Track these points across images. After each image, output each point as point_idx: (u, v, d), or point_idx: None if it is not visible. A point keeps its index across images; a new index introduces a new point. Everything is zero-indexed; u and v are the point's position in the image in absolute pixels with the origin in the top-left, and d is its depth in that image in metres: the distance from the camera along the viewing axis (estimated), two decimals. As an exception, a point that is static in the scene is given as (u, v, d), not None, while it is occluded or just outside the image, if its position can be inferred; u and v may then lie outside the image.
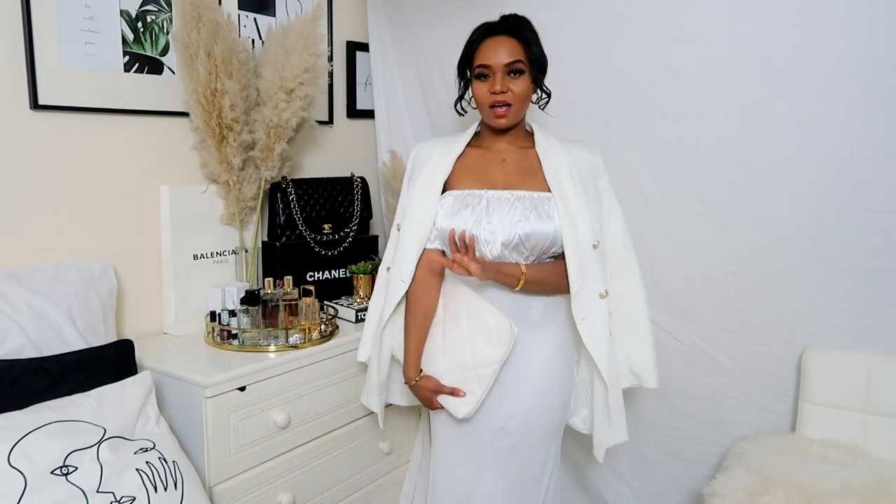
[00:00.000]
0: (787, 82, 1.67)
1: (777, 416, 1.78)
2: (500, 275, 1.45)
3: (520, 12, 2.01)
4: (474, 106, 1.59)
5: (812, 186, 1.67)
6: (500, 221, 1.47)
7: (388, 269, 1.64)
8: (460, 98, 1.64)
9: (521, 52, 1.49)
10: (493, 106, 1.49)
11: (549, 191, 1.52)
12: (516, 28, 1.51)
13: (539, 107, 1.63)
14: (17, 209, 1.58)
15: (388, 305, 1.60)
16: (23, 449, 1.18)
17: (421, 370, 1.58)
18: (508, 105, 1.49)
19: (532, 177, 1.54)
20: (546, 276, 1.51)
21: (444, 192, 1.55)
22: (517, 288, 1.47)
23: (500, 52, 1.48)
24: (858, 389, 1.63)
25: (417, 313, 1.58)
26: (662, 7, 1.81)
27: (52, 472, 1.18)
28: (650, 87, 1.85)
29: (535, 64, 1.51)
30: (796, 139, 1.68)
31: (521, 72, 1.49)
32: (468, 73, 1.56)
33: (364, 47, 2.37)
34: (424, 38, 2.24)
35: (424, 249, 1.56)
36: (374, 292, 1.75)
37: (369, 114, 2.42)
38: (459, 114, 1.67)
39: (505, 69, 1.48)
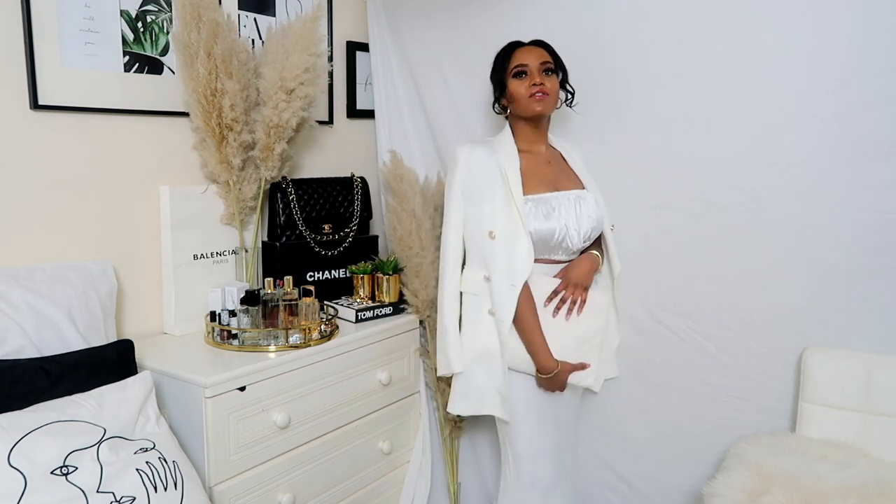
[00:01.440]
0: (787, 82, 1.67)
1: (777, 415, 1.78)
2: (591, 275, 1.74)
3: (521, 13, 2.03)
4: (505, 114, 1.80)
5: (812, 186, 1.67)
6: (576, 219, 1.71)
7: (488, 277, 1.69)
8: (497, 101, 1.82)
9: (550, 57, 1.75)
10: (532, 95, 1.69)
11: (583, 186, 1.79)
12: (541, 42, 1.77)
13: (567, 104, 1.85)
14: (16, 209, 1.58)
15: (508, 312, 1.66)
16: (23, 449, 1.18)
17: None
18: (546, 94, 1.69)
19: (570, 175, 1.81)
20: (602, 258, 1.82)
21: None
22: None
23: (534, 55, 1.73)
24: (858, 389, 1.63)
25: (535, 309, 1.69)
26: (663, 8, 1.81)
27: (52, 472, 1.18)
28: (651, 87, 1.85)
29: (559, 66, 1.77)
30: (796, 139, 1.68)
31: (552, 70, 1.74)
32: (503, 79, 1.75)
33: (364, 47, 2.37)
34: (424, 38, 2.24)
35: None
36: (446, 301, 1.75)
37: (369, 114, 2.42)
38: (498, 113, 1.85)
39: (540, 67, 1.71)
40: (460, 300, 1.77)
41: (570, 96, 1.83)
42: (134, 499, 1.24)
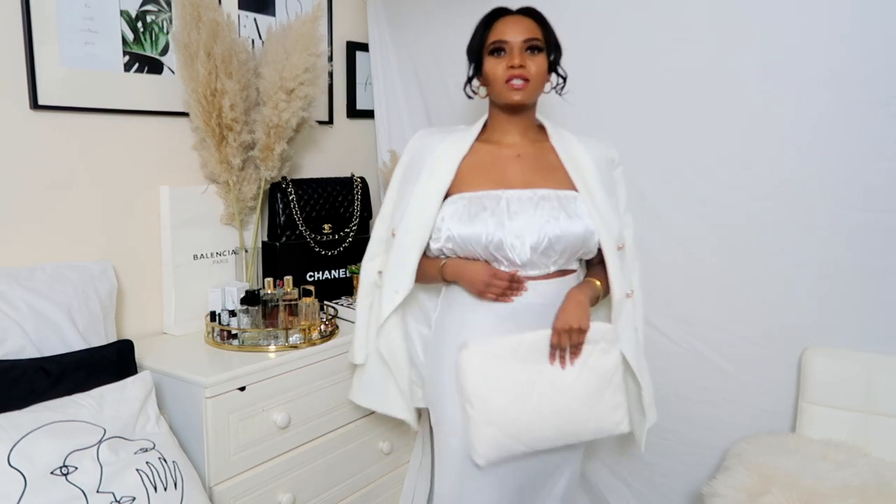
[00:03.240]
0: (786, 82, 1.67)
1: (775, 417, 1.78)
2: (582, 310, 1.41)
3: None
4: (483, 95, 1.52)
5: (812, 186, 1.67)
6: (525, 224, 1.39)
7: (380, 273, 1.58)
8: (469, 81, 1.54)
9: (539, 31, 1.45)
10: (508, 80, 1.41)
11: (573, 188, 1.46)
12: (532, 10, 1.49)
13: (556, 91, 1.56)
14: (16, 209, 1.58)
15: (382, 315, 1.54)
16: (23, 449, 1.18)
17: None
18: (526, 80, 1.41)
19: (553, 173, 1.47)
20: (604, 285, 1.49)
21: (449, 194, 1.46)
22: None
23: (518, 29, 1.43)
24: (858, 389, 1.63)
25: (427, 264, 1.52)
26: (661, 7, 1.81)
27: (52, 473, 1.18)
28: (649, 87, 1.85)
29: (551, 44, 1.47)
30: (795, 139, 1.68)
31: (538, 49, 1.44)
32: (481, 54, 1.47)
33: (364, 47, 2.37)
34: (424, 38, 2.24)
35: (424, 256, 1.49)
36: (361, 289, 1.67)
37: (369, 114, 2.42)
38: (469, 97, 1.57)
39: (523, 45, 1.42)
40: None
41: (561, 81, 1.55)
42: (134, 499, 1.24)
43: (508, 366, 1.39)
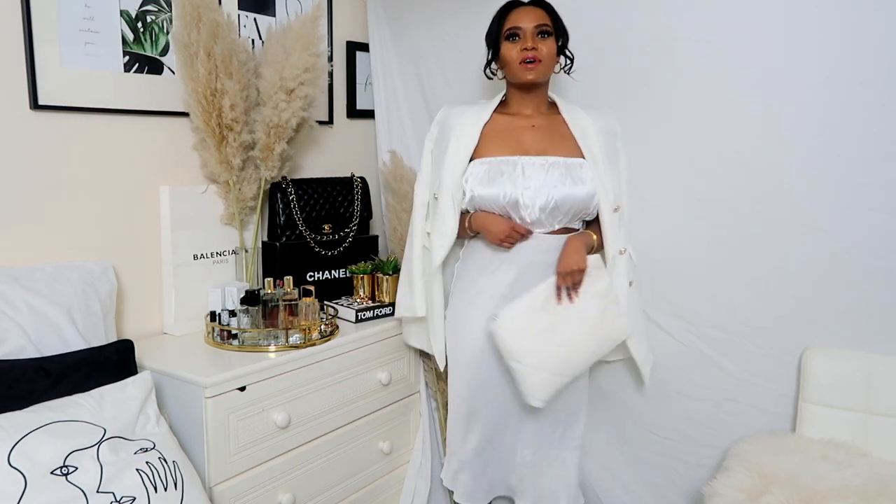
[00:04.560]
0: (786, 82, 1.67)
1: (776, 417, 1.77)
2: (578, 255, 1.63)
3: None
4: (501, 76, 1.74)
5: (811, 186, 1.67)
6: (536, 187, 1.61)
7: (429, 233, 1.77)
8: (488, 64, 1.76)
9: (548, 18, 1.67)
10: (522, 62, 1.63)
11: (581, 156, 1.67)
12: (541, 2, 1.71)
13: (565, 72, 1.77)
14: (16, 209, 1.58)
15: (434, 264, 1.74)
16: (23, 449, 1.18)
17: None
18: (538, 61, 1.63)
19: (563, 142, 1.68)
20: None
21: (472, 158, 1.68)
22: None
23: (530, 17, 1.65)
24: (858, 389, 1.63)
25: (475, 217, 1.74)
26: (661, 7, 1.81)
27: (52, 473, 1.18)
28: (648, 86, 1.85)
29: (559, 30, 1.69)
30: (795, 139, 1.68)
31: (548, 33, 1.66)
32: (497, 41, 1.69)
33: (364, 47, 2.37)
34: (424, 38, 2.24)
35: (463, 214, 1.69)
36: (415, 250, 1.80)
37: (369, 114, 2.42)
38: (489, 77, 1.79)
39: (534, 30, 1.64)
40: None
41: (569, 62, 1.76)
42: (134, 499, 1.24)
43: (532, 318, 1.61)
